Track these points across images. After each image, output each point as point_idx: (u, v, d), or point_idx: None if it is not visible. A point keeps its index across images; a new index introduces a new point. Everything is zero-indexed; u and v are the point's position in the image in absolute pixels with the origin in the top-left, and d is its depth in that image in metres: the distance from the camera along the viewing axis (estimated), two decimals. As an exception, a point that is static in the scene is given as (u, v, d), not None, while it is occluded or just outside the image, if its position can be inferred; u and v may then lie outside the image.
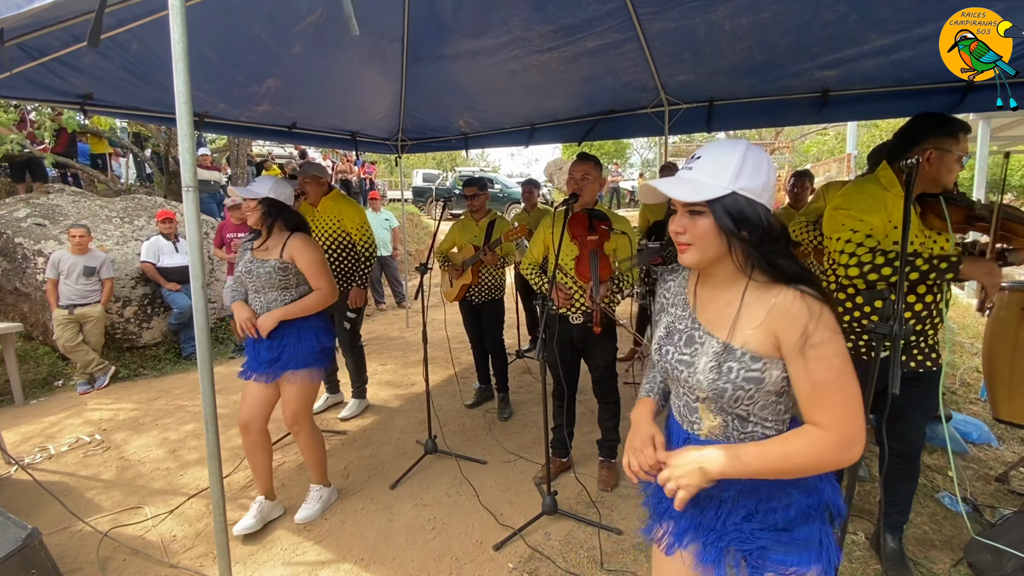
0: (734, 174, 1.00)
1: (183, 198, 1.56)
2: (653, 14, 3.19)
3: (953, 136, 1.84)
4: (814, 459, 0.99)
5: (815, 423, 0.99)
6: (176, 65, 1.48)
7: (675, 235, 1.07)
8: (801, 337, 0.97)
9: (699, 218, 1.03)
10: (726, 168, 1.01)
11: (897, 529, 2.24)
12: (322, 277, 2.57)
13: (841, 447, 0.97)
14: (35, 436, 3.83)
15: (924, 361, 2.03)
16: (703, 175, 1.03)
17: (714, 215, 1.00)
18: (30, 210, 5.98)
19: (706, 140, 15.88)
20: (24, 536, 1.91)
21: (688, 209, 1.04)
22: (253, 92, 3.95)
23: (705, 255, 1.05)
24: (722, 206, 1.00)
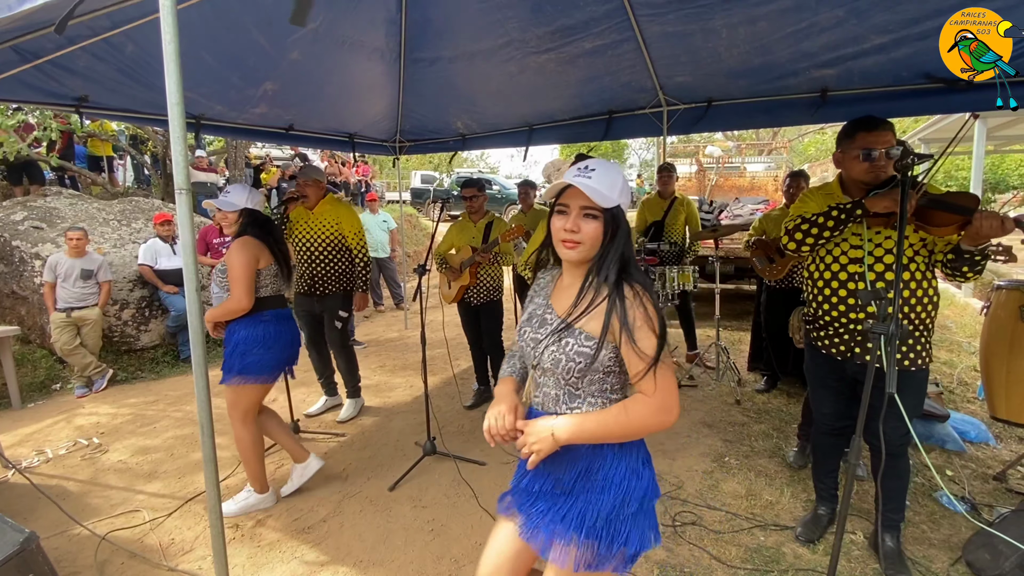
0: (620, 190, 1.22)
1: (176, 201, 1.56)
2: (651, 16, 3.19)
3: (849, 137, 2.04)
4: (641, 421, 1.20)
5: (643, 391, 1.20)
6: (168, 67, 1.48)
7: (568, 233, 1.22)
8: (632, 323, 1.18)
9: (592, 221, 1.22)
10: (615, 184, 1.21)
11: (894, 528, 2.24)
12: (235, 283, 2.56)
13: (661, 410, 1.19)
14: (32, 439, 3.82)
15: (902, 360, 2.05)
16: (601, 186, 1.19)
17: (604, 220, 1.21)
18: (27, 213, 5.97)
19: (704, 141, 15.92)
20: (22, 540, 1.90)
21: (585, 212, 1.22)
22: (250, 94, 3.95)
23: (589, 253, 1.24)
24: (612, 213, 1.21)
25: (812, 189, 2.32)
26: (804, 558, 2.32)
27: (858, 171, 2.03)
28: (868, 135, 1.98)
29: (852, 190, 2.12)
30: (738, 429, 3.60)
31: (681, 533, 2.49)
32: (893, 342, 1.49)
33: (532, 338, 1.32)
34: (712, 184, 10.68)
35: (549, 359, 1.25)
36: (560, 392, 1.29)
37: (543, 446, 1.22)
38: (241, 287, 2.57)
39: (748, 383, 4.45)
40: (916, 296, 2.01)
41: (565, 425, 1.22)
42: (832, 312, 2.14)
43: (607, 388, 1.28)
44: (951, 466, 3.02)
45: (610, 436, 1.23)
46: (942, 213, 1.87)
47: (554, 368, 1.25)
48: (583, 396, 1.28)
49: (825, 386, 2.33)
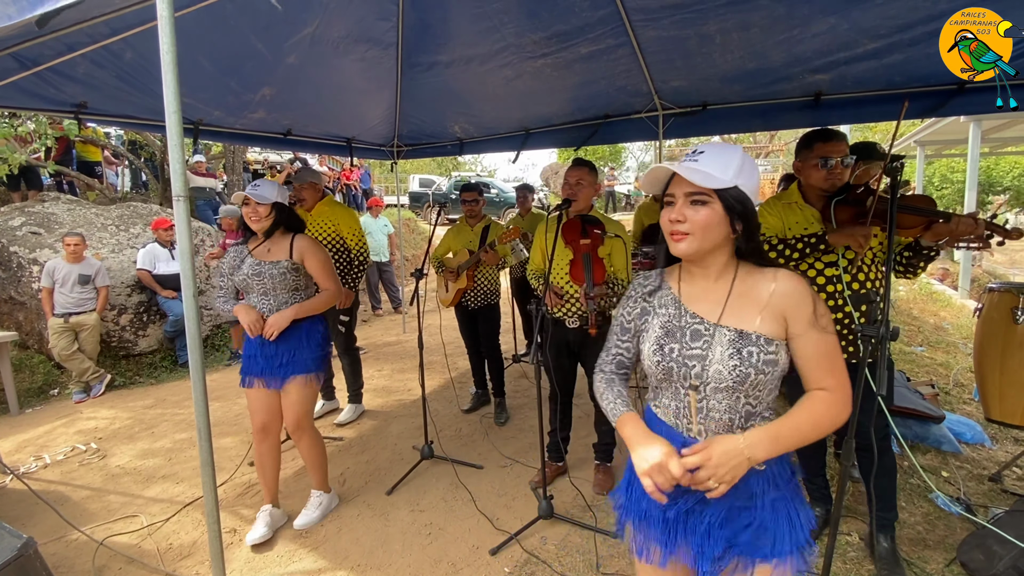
0: (736, 170, 1.07)
1: (174, 207, 1.57)
2: (646, 22, 3.21)
3: (807, 147, 2.14)
4: (831, 418, 1.08)
5: (825, 388, 1.08)
6: (166, 76, 1.49)
7: (673, 224, 1.10)
8: (813, 314, 1.06)
9: (702, 207, 1.07)
10: (730, 164, 1.07)
11: (888, 528, 2.25)
12: (330, 277, 2.63)
13: (847, 403, 1.09)
14: (30, 445, 3.82)
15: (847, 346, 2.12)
16: (709, 168, 1.07)
17: (723, 203, 1.07)
18: (25, 218, 5.97)
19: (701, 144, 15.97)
20: (19, 545, 1.91)
21: (691, 199, 1.08)
22: (248, 100, 3.96)
23: (703, 244, 1.09)
24: (730, 196, 1.07)
25: (771, 200, 2.34)
26: (800, 560, 2.32)
27: (816, 178, 2.13)
28: (824, 145, 2.08)
29: (811, 195, 2.21)
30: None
31: None
32: (884, 344, 1.50)
33: (688, 355, 1.12)
34: (709, 187, 10.71)
35: (731, 376, 1.07)
36: (734, 415, 1.11)
37: (737, 474, 1.03)
38: (335, 278, 2.65)
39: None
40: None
41: (760, 442, 1.04)
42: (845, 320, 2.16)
43: (775, 397, 1.14)
44: (947, 467, 3.03)
45: (803, 443, 1.08)
46: (907, 216, 2.00)
47: (738, 385, 1.07)
48: (759, 412, 1.12)
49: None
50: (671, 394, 1.17)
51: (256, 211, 2.54)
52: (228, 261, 2.62)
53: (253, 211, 2.54)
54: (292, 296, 2.57)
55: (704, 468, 1.03)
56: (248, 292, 2.58)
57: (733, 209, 1.07)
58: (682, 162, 1.10)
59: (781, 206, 2.27)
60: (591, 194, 2.77)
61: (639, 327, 1.24)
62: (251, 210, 2.54)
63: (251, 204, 2.53)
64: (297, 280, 2.57)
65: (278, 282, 2.52)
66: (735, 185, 1.06)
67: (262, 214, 2.55)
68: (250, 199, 2.51)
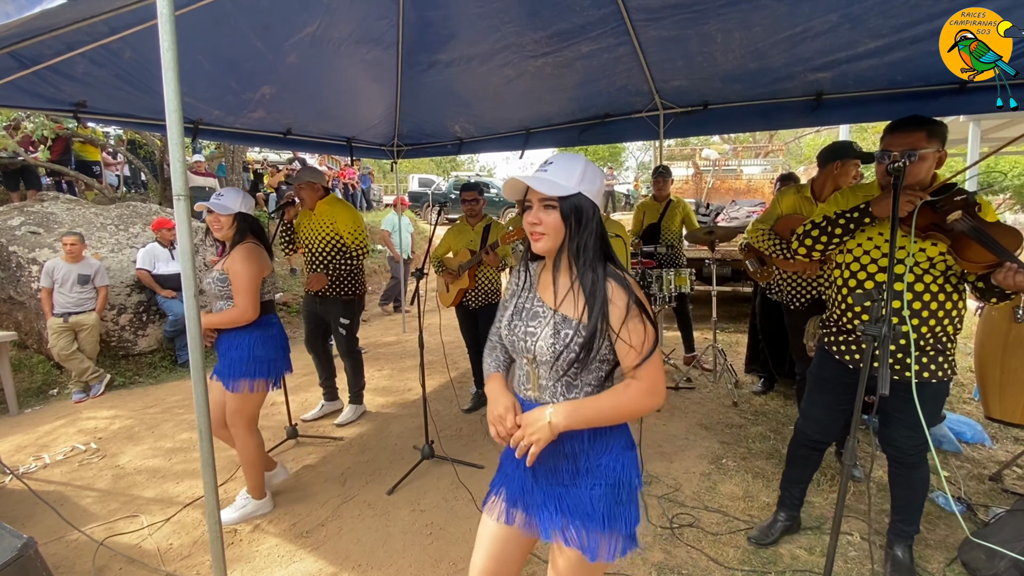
0: (579, 178, 1.24)
1: (174, 207, 1.56)
2: (646, 21, 3.21)
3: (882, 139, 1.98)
4: (634, 404, 1.25)
5: (635, 377, 1.25)
6: (166, 74, 1.48)
7: (531, 226, 1.27)
8: (626, 311, 1.22)
9: (552, 211, 1.24)
10: (573, 172, 1.24)
11: (905, 538, 2.21)
12: (242, 294, 2.52)
13: (652, 393, 1.25)
14: (30, 445, 3.81)
15: (922, 372, 1.96)
16: (557, 177, 1.24)
17: (562, 208, 1.23)
18: (24, 218, 5.96)
19: (701, 144, 15.96)
20: (19, 546, 1.90)
21: (544, 204, 1.25)
22: (248, 99, 3.95)
23: (556, 242, 1.27)
24: (571, 202, 1.23)
25: (846, 190, 2.24)
26: (801, 559, 2.33)
27: (878, 172, 2.00)
28: (890, 136, 1.92)
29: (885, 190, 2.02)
30: (735, 431, 3.61)
31: (679, 535, 2.49)
32: (885, 344, 1.50)
33: (526, 332, 1.32)
34: (709, 187, 10.72)
35: (549, 351, 1.26)
36: (557, 384, 1.30)
37: (541, 435, 1.23)
38: (248, 298, 2.53)
39: (745, 385, 4.47)
40: (931, 308, 1.90)
41: (561, 411, 1.24)
42: (855, 320, 2.06)
43: (603, 376, 1.31)
44: (947, 467, 3.03)
45: (604, 419, 1.26)
46: (979, 248, 1.75)
47: (553, 360, 1.26)
48: (580, 386, 1.30)
49: (826, 390, 2.22)
50: (518, 364, 1.39)
51: (217, 220, 2.59)
52: None
53: (215, 220, 2.60)
54: (227, 304, 2.58)
55: (519, 430, 1.26)
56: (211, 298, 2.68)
57: (567, 214, 1.23)
58: (536, 172, 1.28)
59: (855, 198, 2.13)
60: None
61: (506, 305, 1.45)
62: (213, 219, 2.60)
63: (213, 213, 2.58)
64: (225, 290, 2.56)
65: (215, 290, 2.57)
66: (578, 192, 1.23)
67: (224, 224, 2.60)
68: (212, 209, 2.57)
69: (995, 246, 1.72)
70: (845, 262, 2.11)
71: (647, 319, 1.24)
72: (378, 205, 16.45)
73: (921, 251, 1.89)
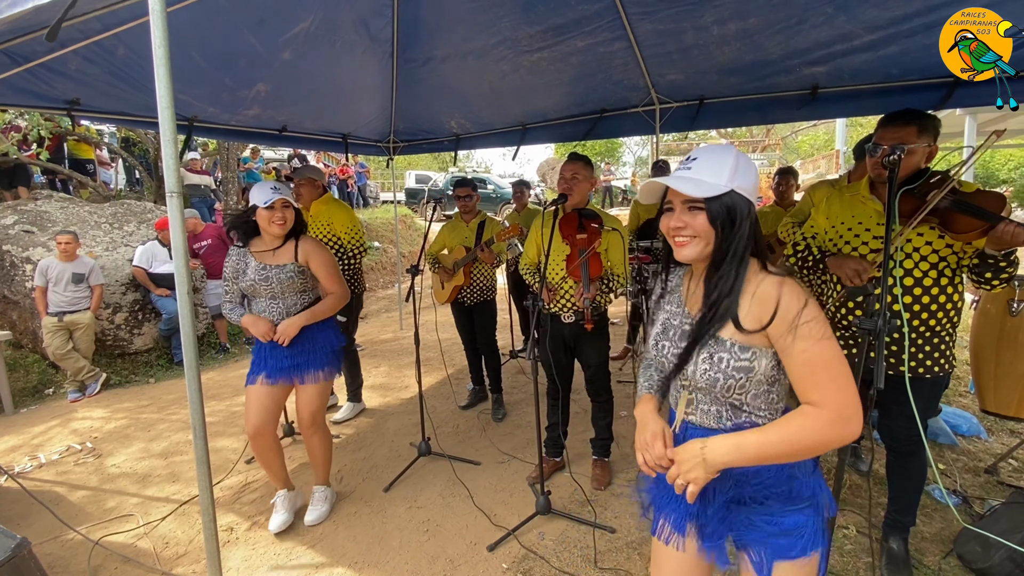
0: (731, 174, 1.07)
1: (167, 204, 1.55)
2: (642, 15, 3.20)
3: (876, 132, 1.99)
4: (814, 437, 1.02)
5: (810, 402, 1.03)
6: (158, 70, 1.47)
7: (675, 231, 1.12)
8: (791, 321, 1.02)
9: (699, 213, 1.08)
10: (723, 168, 1.07)
11: (901, 530, 2.21)
12: (336, 280, 2.59)
13: (838, 422, 1.00)
14: (25, 445, 3.80)
15: (917, 368, 1.96)
16: (703, 174, 1.08)
17: (711, 210, 1.07)
18: (18, 217, 5.93)
19: (700, 138, 15.96)
20: (13, 546, 1.89)
21: (688, 205, 1.10)
22: (243, 96, 3.93)
23: (706, 249, 1.10)
24: (722, 203, 1.06)
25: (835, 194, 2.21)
26: (798, 553, 2.33)
27: (870, 164, 1.99)
28: (882, 130, 1.91)
29: (878, 187, 2.02)
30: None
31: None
32: (881, 338, 1.50)
33: (675, 355, 1.16)
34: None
35: (704, 379, 1.11)
36: (721, 408, 1.15)
37: (697, 474, 1.07)
38: (340, 280, 2.61)
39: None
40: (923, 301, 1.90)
41: (719, 449, 1.06)
42: (850, 316, 2.07)
43: (774, 399, 1.14)
44: (943, 459, 3.04)
45: (776, 456, 1.05)
46: (965, 217, 1.73)
47: (711, 387, 1.11)
48: (748, 410, 1.13)
49: None
50: (673, 384, 1.23)
51: (284, 215, 2.42)
52: (231, 265, 2.52)
53: (281, 216, 2.41)
54: (300, 298, 2.54)
55: (674, 465, 1.10)
56: (255, 296, 2.51)
57: (716, 217, 1.07)
58: (677, 171, 1.12)
59: (841, 199, 2.13)
60: (587, 188, 2.76)
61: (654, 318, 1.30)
62: (279, 215, 2.41)
63: (277, 208, 2.40)
64: (304, 283, 2.54)
65: (286, 286, 2.47)
66: (731, 189, 1.06)
67: (288, 218, 2.45)
68: (277, 202, 2.39)
69: (980, 211, 1.71)
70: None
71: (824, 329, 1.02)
72: (375, 202, 16.40)
73: (908, 241, 1.90)
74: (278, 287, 2.46)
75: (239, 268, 2.50)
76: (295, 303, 2.52)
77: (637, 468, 1.24)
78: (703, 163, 1.09)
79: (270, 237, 2.50)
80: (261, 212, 2.41)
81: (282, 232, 2.47)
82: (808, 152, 21.39)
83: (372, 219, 11.85)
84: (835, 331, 2.13)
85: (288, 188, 2.50)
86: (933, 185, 1.82)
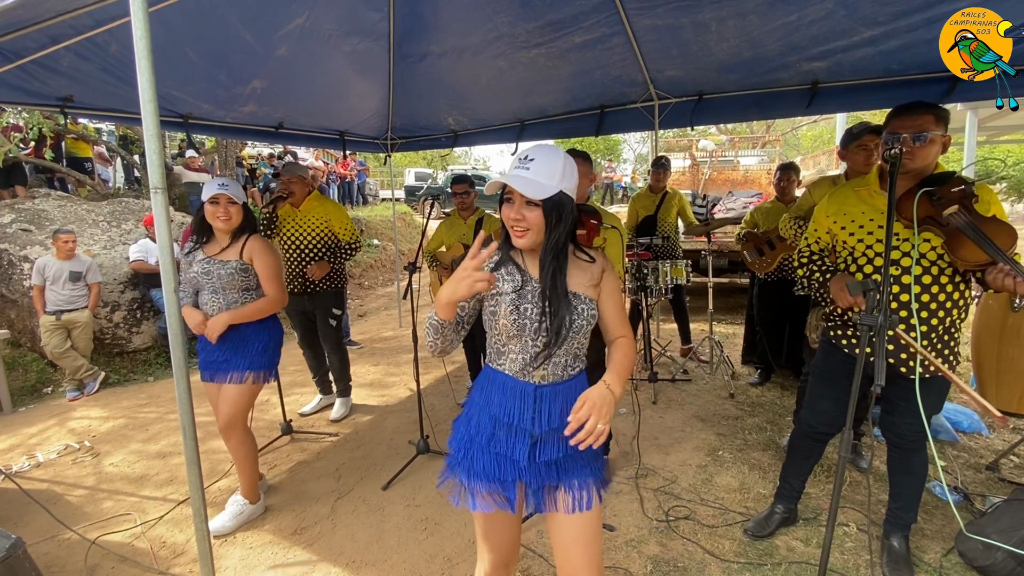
0: (561, 175, 1.28)
1: (151, 200, 1.53)
2: (640, 10, 3.17)
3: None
4: (632, 356, 1.43)
5: (621, 335, 1.45)
6: (140, 63, 1.44)
7: (515, 222, 1.31)
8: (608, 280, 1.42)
9: (535, 209, 1.28)
10: (554, 171, 1.27)
11: (902, 527, 2.19)
12: (274, 282, 2.57)
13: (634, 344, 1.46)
14: (23, 444, 3.78)
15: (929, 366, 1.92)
16: (539, 176, 1.26)
17: (544, 208, 1.28)
18: (15, 215, 5.91)
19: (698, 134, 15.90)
20: (8, 546, 1.88)
21: (526, 201, 1.28)
22: (238, 93, 3.91)
23: (537, 238, 1.32)
24: (552, 201, 1.28)
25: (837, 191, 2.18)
26: (797, 551, 2.32)
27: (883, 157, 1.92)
28: (897, 119, 1.87)
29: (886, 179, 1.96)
30: (732, 423, 3.60)
31: (674, 528, 2.48)
32: (882, 334, 1.48)
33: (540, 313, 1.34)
34: (706, 178, 10.69)
35: (574, 326, 1.33)
36: (568, 358, 1.38)
37: (611, 410, 1.27)
38: (279, 286, 2.59)
39: (742, 376, 4.46)
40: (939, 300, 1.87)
41: (615, 381, 1.31)
42: (851, 312, 2.04)
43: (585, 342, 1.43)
44: (944, 456, 3.03)
45: (629, 372, 1.39)
46: (972, 245, 1.71)
47: (576, 334, 1.35)
48: (580, 356, 1.42)
49: (833, 382, 2.17)
50: (519, 348, 1.37)
51: (228, 211, 2.45)
52: (184, 258, 2.55)
53: (224, 211, 2.44)
54: (242, 296, 2.53)
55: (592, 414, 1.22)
56: (199, 289, 2.52)
57: (550, 213, 1.28)
58: (515, 169, 1.29)
59: (844, 195, 2.10)
60: (585, 185, 2.73)
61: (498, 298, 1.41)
62: (222, 210, 2.43)
63: (222, 203, 2.43)
64: (247, 280, 2.52)
65: (227, 281, 2.48)
66: (560, 190, 1.27)
67: (234, 214, 2.47)
68: (220, 197, 2.42)
69: (989, 245, 1.68)
70: (847, 255, 2.09)
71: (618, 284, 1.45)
72: (374, 200, 16.37)
73: (926, 242, 1.85)
74: (218, 281, 2.48)
75: (189, 260, 2.53)
76: (236, 299, 2.52)
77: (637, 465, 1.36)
78: (539, 165, 1.27)
79: (217, 232, 2.52)
80: (206, 206, 2.45)
81: (226, 227, 2.48)
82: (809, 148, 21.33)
83: (371, 216, 11.83)
84: (843, 330, 2.14)
85: (238, 186, 2.52)
86: (954, 195, 1.78)
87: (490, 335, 1.44)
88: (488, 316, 1.42)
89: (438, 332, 1.36)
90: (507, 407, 1.38)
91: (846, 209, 2.08)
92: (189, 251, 2.55)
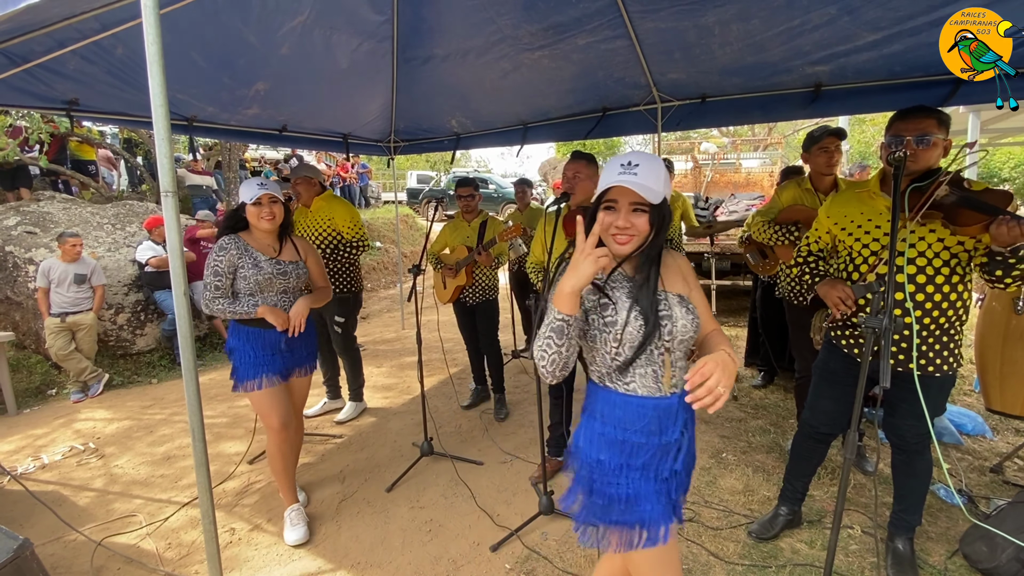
0: (665, 182, 1.26)
1: (162, 203, 1.54)
2: (643, 13, 3.18)
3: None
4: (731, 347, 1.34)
5: (714, 327, 1.43)
6: (151, 68, 1.45)
7: (620, 230, 1.26)
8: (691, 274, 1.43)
9: (643, 215, 1.26)
10: (659, 178, 1.25)
11: (907, 530, 2.19)
12: (325, 276, 2.79)
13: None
14: (28, 446, 3.80)
15: (927, 366, 1.94)
16: (649, 181, 1.22)
17: (652, 214, 1.26)
18: (20, 218, 5.94)
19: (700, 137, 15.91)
20: (15, 547, 1.89)
21: (634, 207, 1.26)
22: (242, 95, 3.92)
23: (640, 245, 1.30)
24: (660, 208, 1.27)
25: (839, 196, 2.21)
26: (802, 553, 2.32)
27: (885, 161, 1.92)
28: (900, 122, 1.89)
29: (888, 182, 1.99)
30: (735, 425, 3.60)
31: (679, 530, 2.48)
32: (887, 336, 1.48)
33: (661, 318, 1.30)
34: (708, 180, 10.68)
35: (693, 327, 1.31)
36: (685, 362, 1.36)
37: (732, 379, 1.18)
38: (326, 277, 2.80)
39: (745, 379, 4.46)
40: (935, 299, 1.87)
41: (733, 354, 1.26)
42: (860, 314, 2.03)
43: None
44: (948, 459, 3.02)
45: None
46: (968, 211, 1.74)
47: (693, 336, 1.33)
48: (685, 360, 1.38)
49: (835, 383, 2.18)
50: (644, 361, 1.30)
51: (272, 210, 2.44)
52: (227, 260, 2.41)
53: (269, 211, 2.43)
54: (301, 295, 2.62)
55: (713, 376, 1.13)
56: (262, 291, 2.46)
57: (656, 218, 1.27)
58: (620, 175, 1.24)
59: (846, 197, 2.13)
60: (589, 187, 2.73)
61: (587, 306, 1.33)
62: (267, 210, 2.42)
63: (265, 203, 2.41)
64: (302, 280, 2.65)
65: (302, 281, 2.61)
66: (664, 197, 1.26)
67: (276, 212, 2.46)
68: (263, 197, 2.40)
69: (985, 206, 1.71)
70: (847, 255, 2.10)
71: None
72: (376, 202, 16.39)
73: (921, 240, 1.87)
74: (294, 281, 2.56)
75: (239, 263, 2.42)
76: (296, 299, 2.59)
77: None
78: (646, 170, 1.23)
79: (261, 233, 2.51)
80: (249, 208, 2.44)
81: (271, 227, 2.48)
82: (811, 150, 21.29)
83: (374, 219, 11.84)
84: (843, 331, 2.14)
85: (276, 184, 2.52)
86: (942, 181, 1.82)
87: (598, 355, 1.33)
88: (598, 331, 1.30)
89: (562, 334, 1.19)
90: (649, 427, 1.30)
91: (846, 211, 2.10)
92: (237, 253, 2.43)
